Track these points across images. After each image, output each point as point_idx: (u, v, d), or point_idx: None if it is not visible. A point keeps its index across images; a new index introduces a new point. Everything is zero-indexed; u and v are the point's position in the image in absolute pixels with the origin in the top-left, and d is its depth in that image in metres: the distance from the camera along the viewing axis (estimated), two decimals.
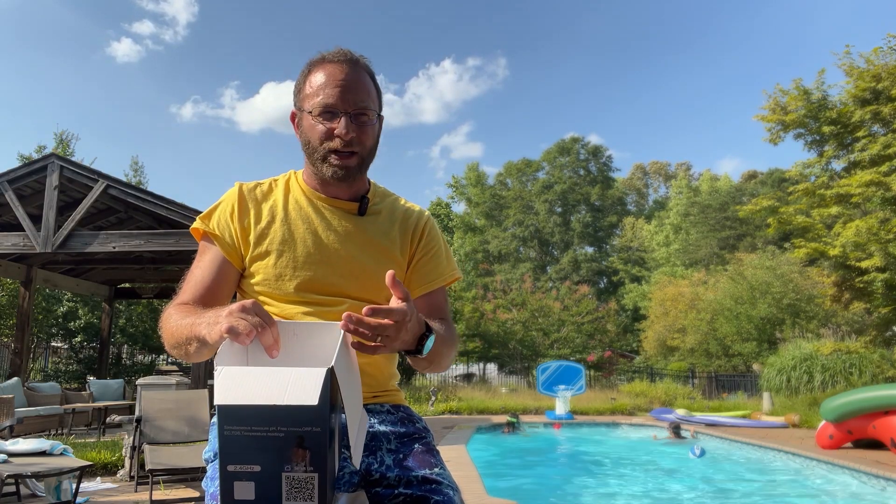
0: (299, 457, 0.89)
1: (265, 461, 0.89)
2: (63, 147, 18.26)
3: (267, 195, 1.36)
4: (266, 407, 0.86)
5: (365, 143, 1.26)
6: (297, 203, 1.34)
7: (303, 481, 0.90)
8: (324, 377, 0.89)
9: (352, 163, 1.26)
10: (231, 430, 0.88)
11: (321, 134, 1.24)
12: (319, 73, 1.25)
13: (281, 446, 0.88)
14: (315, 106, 1.24)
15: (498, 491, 5.69)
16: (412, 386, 18.86)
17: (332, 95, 1.22)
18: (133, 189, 8.97)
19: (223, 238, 1.30)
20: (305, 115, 1.27)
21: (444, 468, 1.24)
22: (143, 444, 5.32)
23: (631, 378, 22.10)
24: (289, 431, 0.88)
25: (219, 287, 1.28)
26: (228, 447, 0.88)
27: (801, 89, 13.97)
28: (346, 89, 1.23)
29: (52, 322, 16.48)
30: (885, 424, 7.53)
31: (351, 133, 1.23)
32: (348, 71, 1.24)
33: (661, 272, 35.11)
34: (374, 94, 1.28)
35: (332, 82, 1.23)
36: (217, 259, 1.30)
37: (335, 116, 1.23)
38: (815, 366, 13.44)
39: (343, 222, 1.32)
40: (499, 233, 45.24)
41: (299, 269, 1.27)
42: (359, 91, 1.24)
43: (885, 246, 12.06)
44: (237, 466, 0.89)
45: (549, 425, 12.03)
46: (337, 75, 1.24)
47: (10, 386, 8.78)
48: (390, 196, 1.44)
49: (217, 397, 0.87)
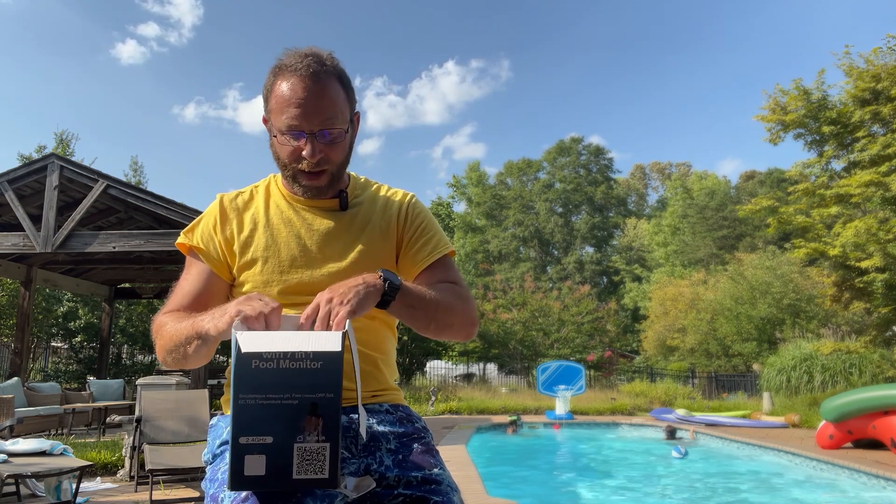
0: (312, 426, 0.91)
1: (278, 431, 0.91)
2: (63, 147, 18.26)
3: (248, 203, 1.36)
4: (291, 354, 0.90)
5: (334, 160, 1.24)
6: (277, 208, 1.34)
7: (314, 452, 0.92)
8: (340, 336, 0.94)
9: (322, 182, 1.26)
10: (245, 399, 0.90)
11: (289, 153, 1.23)
12: (283, 85, 1.20)
13: (294, 415, 0.91)
14: (281, 125, 1.20)
15: (498, 491, 5.69)
16: (412, 386, 18.86)
17: (295, 116, 1.18)
18: (133, 189, 8.97)
19: (208, 251, 1.31)
20: (274, 130, 1.24)
21: (444, 468, 1.24)
22: (143, 444, 5.32)
23: (631, 378, 22.10)
24: (303, 399, 0.91)
25: (207, 298, 1.28)
26: (242, 417, 0.90)
27: (801, 89, 13.97)
28: (308, 110, 1.18)
29: (52, 322, 16.47)
30: (885, 424, 7.52)
31: (318, 154, 1.21)
32: (310, 86, 1.18)
33: (661, 272, 35.12)
34: (341, 103, 1.22)
35: (294, 101, 1.18)
36: (204, 272, 1.31)
37: (300, 137, 1.20)
38: (815, 366, 13.44)
39: (325, 221, 1.32)
40: (499, 232, 45.24)
41: (285, 273, 1.27)
42: (323, 108, 1.19)
43: (885, 246, 12.06)
44: (249, 438, 0.90)
45: (549, 425, 12.03)
46: (298, 93, 1.18)
47: (10, 386, 8.78)
48: (372, 185, 1.43)
49: (243, 346, 0.91)
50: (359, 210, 1.35)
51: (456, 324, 1.24)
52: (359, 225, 1.33)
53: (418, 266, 1.33)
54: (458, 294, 1.26)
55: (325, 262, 1.28)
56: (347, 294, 1.03)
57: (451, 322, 1.23)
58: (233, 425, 0.90)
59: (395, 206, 1.38)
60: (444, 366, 24.08)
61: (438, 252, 1.35)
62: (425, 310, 1.17)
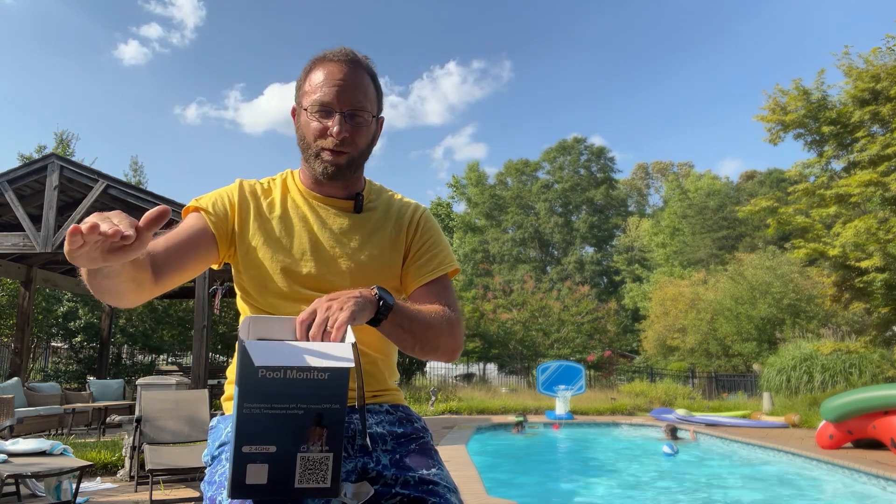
0: (316, 436, 0.90)
1: (281, 441, 0.89)
2: (63, 147, 18.26)
3: (266, 192, 1.36)
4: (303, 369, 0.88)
5: (358, 143, 1.27)
6: (293, 202, 1.34)
7: (317, 462, 0.91)
8: (352, 348, 0.92)
9: (342, 161, 1.26)
10: (250, 408, 0.88)
11: (316, 131, 1.25)
12: (319, 71, 1.26)
13: (299, 424, 0.89)
14: (312, 103, 1.24)
15: (498, 491, 5.69)
16: (412, 386, 18.86)
17: (328, 94, 1.23)
18: (133, 189, 8.98)
19: (216, 213, 1.27)
20: (302, 112, 1.28)
21: (443, 468, 1.24)
22: (143, 444, 5.32)
23: (631, 378, 22.09)
24: (308, 409, 0.89)
25: (185, 247, 1.19)
26: (245, 426, 0.88)
27: (801, 89, 13.97)
28: (342, 89, 1.23)
29: (52, 322, 16.47)
30: (885, 424, 7.52)
31: (344, 133, 1.23)
32: (347, 71, 1.25)
33: (661, 272, 35.11)
34: (372, 96, 1.28)
35: (329, 81, 1.24)
36: (198, 224, 1.25)
37: (330, 115, 1.24)
38: (815, 366, 13.44)
39: (339, 220, 1.33)
40: (498, 234, 45.22)
41: (296, 264, 1.27)
42: (356, 91, 1.25)
43: (885, 246, 12.06)
44: (252, 448, 0.89)
45: (549, 425, 12.03)
46: (335, 74, 1.24)
47: (10, 386, 8.77)
48: (386, 192, 1.44)
49: (255, 360, 0.87)
50: (372, 214, 1.36)
51: (441, 348, 1.24)
52: (371, 229, 1.34)
53: (420, 280, 1.34)
54: (448, 319, 1.26)
55: (335, 259, 1.29)
56: (346, 302, 1.03)
57: (437, 346, 1.23)
58: (235, 434, 0.88)
59: (407, 216, 1.40)
60: (444, 366, 24.03)
61: (442, 269, 1.36)
62: (413, 332, 1.17)
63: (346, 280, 1.27)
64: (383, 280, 1.29)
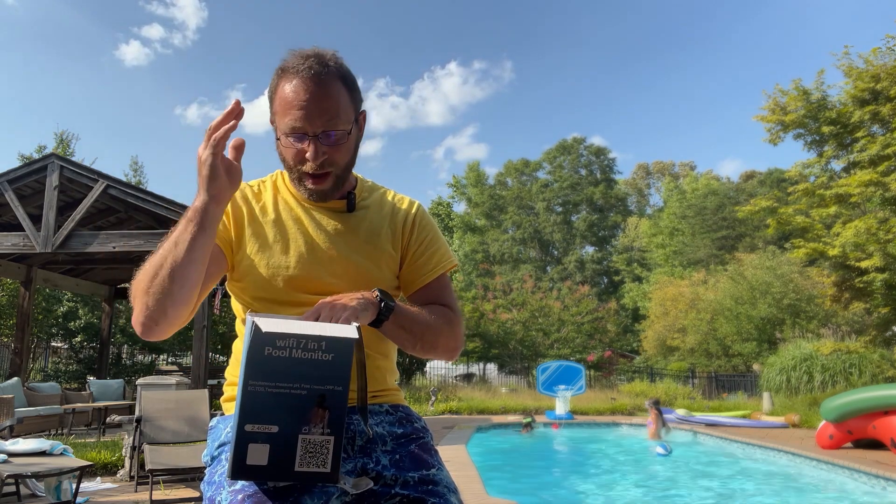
0: (318, 417, 0.92)
1: (284, 421, 0.91)
2: (63, 147, 18.27)
3: (258, 195, 1.34)
4: (304, 343, 0.91)
5: (338, 161, 1.23)
6: (286, 203, 1.33)
7: (318, 445, 0.92)
8: (356, 326, 0.96)
9: (327, 185, 1.24)
10: (255, 386, 0.90)
11: (293, 155, 1.22)
12: (286, 87, 1.19)
13: (302, 405, 0.91)
14: (285, 127, 1.20)
15: (498, 491, 5.69)
16: (412, 386, 18.86)
17: (297, 118, 1.17)
18: (133, 189, 8.97)
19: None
20: (278, 132, 1.23)
21: (443, 469, 1.24)
22: (143, 444, 5.32)
23: (631, 378, 22.10)
24: (312, 389, 0.91)
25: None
26: (249, 405, 0.90)
27: (801, 90, 13.98)
28: (310, 111, 1.17)
29: (52, 322, 16.47)
30: (885, 424, 7.52)
31: (321, 156, 1.20)
32: (312, 87, 1.17)
33: (661, 272, 35.10)
34: (345, 102, 1.21)
35: (297, 103, 1.17)
36: None
37: (303, 139, 1.20)
38: (815, 366, 13.43)
39: (332, 221, 1.31)
40: (498, 235, 45.20)
41: (292, 269, 1.26)
42: (326, 109, 1.18)
43: (885, 246, 12.06)
44: (255, 426, 0.90)
45: (549, 425, 12.04)
46: (301, 95, 1.17)
47: (10, 386, 8.77)
48: (378, 189, 1.42)
49: (263, 326, 0.90)
50: (366, 214, 1.35)
51: (441, 347, 1.26)
52: (366, 229, 1.33)
53: (419, 280, 1.35)
54: (448, 318, 1.28)
55: (331, 261, 1.27)
56: (349, 304, 1.05)
57: (437, 345, 1.25)
58: (239, 412, 0.89)
59: (402, 214, 1.38)
60: (444, 366, 24.05)
61: (441, 268, 1.36)
62: (414, 332, 1.18)
63: (344, 282, 1.26)
64: (381, 281, 1.28)
